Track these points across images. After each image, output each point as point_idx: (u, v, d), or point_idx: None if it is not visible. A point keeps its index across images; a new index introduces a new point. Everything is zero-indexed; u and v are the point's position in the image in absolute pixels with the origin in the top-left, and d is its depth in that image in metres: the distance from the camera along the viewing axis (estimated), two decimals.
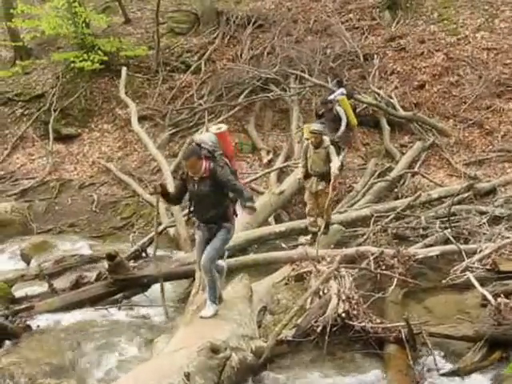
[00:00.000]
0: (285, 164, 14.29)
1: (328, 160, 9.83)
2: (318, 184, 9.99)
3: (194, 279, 8.45)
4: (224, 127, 7.52)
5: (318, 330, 6.95)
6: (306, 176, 10.20)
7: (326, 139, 9.99)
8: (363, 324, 7.05)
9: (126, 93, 17.83)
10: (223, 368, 5.59)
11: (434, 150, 15.04)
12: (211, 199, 6.87)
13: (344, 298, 7.34)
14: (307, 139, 10.49)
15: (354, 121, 13.89)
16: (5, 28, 21.20)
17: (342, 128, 13.42)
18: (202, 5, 20.99)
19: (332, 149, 9.91)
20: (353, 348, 7.10)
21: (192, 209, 7.21)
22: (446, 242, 10.28)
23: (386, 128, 15.67)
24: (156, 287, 9.11)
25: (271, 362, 6.78)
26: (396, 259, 8.92)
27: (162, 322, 8.42)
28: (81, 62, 18.61)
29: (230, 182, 6.81)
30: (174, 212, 12.15)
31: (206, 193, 6.82)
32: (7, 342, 7.66)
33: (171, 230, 12.20)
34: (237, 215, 7.23)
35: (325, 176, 9.89)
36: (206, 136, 7.23)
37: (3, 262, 12.01)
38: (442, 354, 6.96)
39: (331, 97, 14.15)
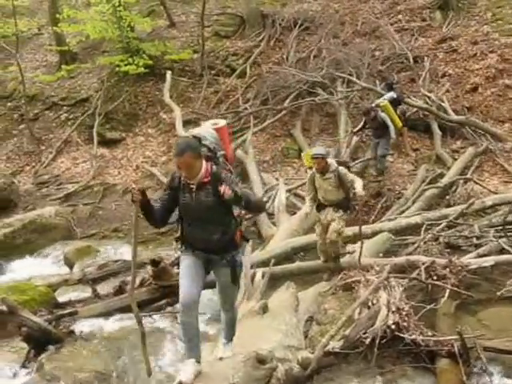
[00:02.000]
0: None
1: (342, 185, 8.81)
2: (334, 213, 8.93)
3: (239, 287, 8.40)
4: (223, 122, 6.09)
5: (367, 341, 6.82)
6: (319, 207, 9.10)
7: (333, 162, 8.93)
8: (414, 336, 6.90)
9: (170, 97, 17.97)
10: (269, 379, 5.54)
11: (488, 156, 14.71)
12: (215, 215, 5.34)
13: (394, 309, 7.19)
14: (310, 168, 9.45)
15: (400, 124, 13.81)
16: (51, 33, 21.61)
17: (393, 135, 13.39)
18: (247, 7, 21.09)
19: (343, 170, 8.86)
20: (403, 361, 6.95)
21: (185, 231, 5.55)
22: (501, 251, 10.03)
23: (437, 133, 15.44)
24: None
25: (318, 373, 6.68)
26: (448, 269, 8.73)
27: (206, 330, 8.42)
28: (125, 65, 18.87)
29: (240, 192, 5.24)
30: None
31: (208, 205, 5.28)
32: (50, 347, 7.71)
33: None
34: (248, 240, 5.96)
35: (342, 204, 8.97)
36: (205, 130, 5.72)
37: (47, 267, 12.19)
38: (498, 369, 6.76)
39: (372, 104, 14.09)
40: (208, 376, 5.55)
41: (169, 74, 18.63)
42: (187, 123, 17.40)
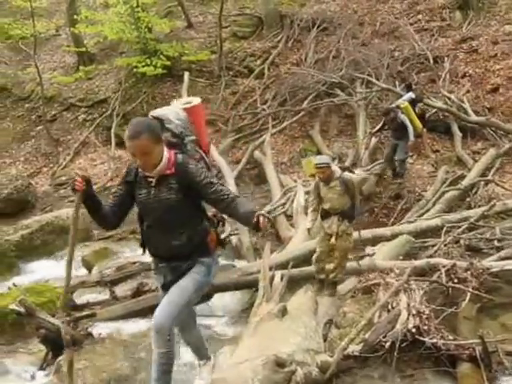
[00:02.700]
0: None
1: (348, 192, 8.28)
2: (340, 224, 8.34)
3: (258, 290, 8.40)
4: (197, 100, 5.18)
5: (387, 345, 6.77)
6: (324, 216, 8.54)
7: (336, 169, 8.41)
8: (434, 340, 6.84)
9: None
10: (288, 383, 5.52)
11: (509, 157, 14.58)
12: (179, 216, 4.51)
13: (414, 312, 7.14)
14: (312, 176, 9.21)
15: (420, 127, 13.73)
16: (69, 34, 21.75)
17: (411, 138, 13.32)
18: (265, 8, 21.10)
19: (348, 175, 8.35)
20: (423, 365, 6.89)
21: (144, 235, 4.82)
22: None
23: (458, 134, 15.34)
24: (218, 297, 9.15)
25: (337, 377, 6.65)
26: (469, 272, 8.65)
27: (224, 332, 8.43)
28: (143, 67, 18.94)
29: (216, 187, 4.44)
30: None
31: (170, 204, 4.47)
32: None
33: (234, 239, 12.19)
34: (223, 245, 5.12)
35: (348, 213, 8.40)
36: (170, 111, 4.85)
37: (64, 269, 12.20)
38: None
39: (392, 105, 14.04)
40: (227, 379, 5.55)
41: (187, 75, 18.62)
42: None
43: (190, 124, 4.83)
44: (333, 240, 8.32)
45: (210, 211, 4.87)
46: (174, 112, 4.82)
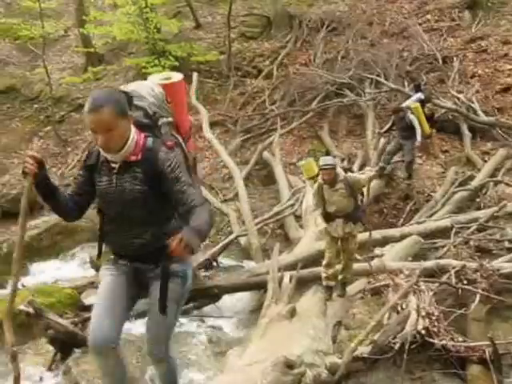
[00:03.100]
0: (360, 172, 14.15)
1: (352, 194, 8.07)
2: (345, 226, 8.11)
3: (266, 291, 8.40)
4: (178, 76, 4.45)
5: (396, 347, 6.77)
6: (328, 219, 8.29)
7: (340, 171, 8.15)
8: (444, 342, 6.83)
9: (196, 99, 17.98)
10: None
11: None
12: (143, 210, 3.84)
13: (424, 313, 7.13)
14: (311, 178, 8.83)
15: (427, 129, 13.65)
16: (77, 35, 21.80)
17: (419, 138, 13.22)
18: (273, 8, 21.09)
19: (352, 176, 8.19)
20: (433, 367, 6.89)
21: (104, 230, 4.13)
22: None
23: (467, 134, 15.27)
24: (227, 298, 9.17)
25: (346, 379, 6.65)
26: (479, 273, 8.62)
27: (233, 334, 8.44)
28: (152, 67, 18.92)
29: (182, 186, 3.71)
30: (246, 220, 12.16)
31: (134, 196, 3.80)
32: (77, 350, 7.78)
33: (242, 240, 12.19)
34: (194, 252, 3.65)
35: (353, 215, 8.19)
36: (144, 86, 4.14)
37: (73, 269, 12.26)
38: None
39: (403, 104, 13.99)
40: (236, 381, 5.55)
41: (195, 75, 18.60)
42: (213, 125, 17.45)
43: (167, 103, 4.11)
44: (339, 243, 8.19)
45: None
46: (148, 87, 4.10)
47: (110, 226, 4.03)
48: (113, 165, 3.83)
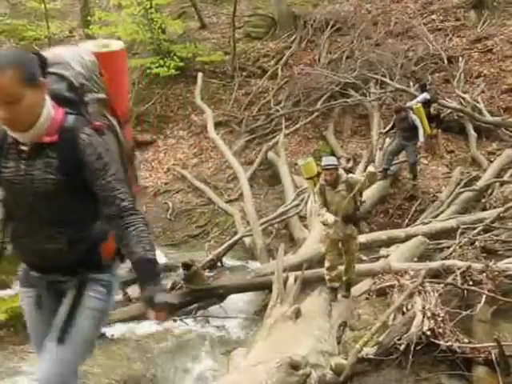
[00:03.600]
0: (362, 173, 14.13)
1: (353, 195, 7.90)
2: (346, 228, 7.99)
3: (271, 291, 8.39)
4: (119, 45, 3.56)
5: (402, 348, 6.75)
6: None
7: (342, 172, 8.03)
8: (450, 343, 6.79)
9: (201, 99, 18.02)
10: None
11: None
12: (57, 206, 3.01)
13: (429, 314, 7.10)
14: (311, 179, 8.46)
15: (428, 129, 13.62)
16: (82, 35, 21.82)
17: (421, 139, 13.17)
18: (278, 9, 21.06)
19: (353, 177, 8.13)
20: (438, 368, 6.85)
21: (11, 229, 3.15)
22: None
23: (473, 134, 15.23)
24: (232, 298, 9.16)
25: (351, 380, 6.64)
26: (484, 274, 8.57)
27: (238, 334, 8.45)
28: (157, 68, 18.98)
29: (109, 179, 2.95)
30: (251, 220, 12.17)
31: (45, 187, 2.96)
32: None
33: (247, 240, 12.19)
34: (123, 260, 3.37)
35: (352, 216, 8.07)
36: (72, 53, 3.23)
37: None
38: None
39: (407, 104, 13.96)
40: (241, 382, 5.54)
41: (200, 75, 18.69)
42: (218, 125, 17.46)
43: (100, 76, 3.25)
44: (340, 245, 8.09)
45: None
46: (76, 54, 3.21)
47: (18, 226, 3.11)
48: (22, 147, 2.96)
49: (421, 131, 13.17)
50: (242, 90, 19.16)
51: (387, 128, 14.48)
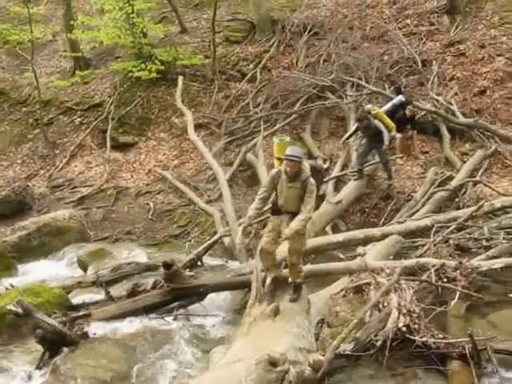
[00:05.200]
0: (342, 173, 14.14)
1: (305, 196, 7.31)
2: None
3: (251, 289, 8.35)
4: None
5: (378, 344, 6.77)
6: (275, 211, 7.62)
7: (307, 168, 7.41)
8: (425, 338, 6.83)
9: (182, 101, 17.95)
10: (281, 382, 5.49)
11: (497, 158, 14.51)
12: None
13: (405, 311, 7.13)
14: (280, 159, 8.06)
15: (392, 125, 13.49)
16: (65, 39, 21.66)
17: (386, 142, 13.11)
18: (257, 13, 21.01)
19: (313, 186, 7.33)
20: (414, 363, 6.89)
21: None
22: (511, 253, 9.92)
23: (446, 135, 15.29)
24: (212, 297, 9.12)
25: (329, 376, 6.63)
26: (458, 271, 8.61)
27: (218, 332, 8.40)
28: (138, 71, 18.89)
29: None
30: (230, 220, 12.12)
31: None
32: (65, 349, 7.70)
33: (226, 240, 12.14)
34: None
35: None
36: None
37: (61, 269, 12.20)
38: (509, 371, 6.67)
39: (367, 107, 13.91)
40: (220, 378, 5.50)
41: (180, 79, 18.61)
42: (198, 127, 17.41)
43: None
44: (283, 238, 7.39)
45: None
46: None
47: None
48: None
49: (385, 134, 13.08)
50: (221, 92, 19.10)
51: (347, 135, 14.34)
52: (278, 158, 8.52)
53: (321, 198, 12.33)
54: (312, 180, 7.33)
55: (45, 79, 20.96)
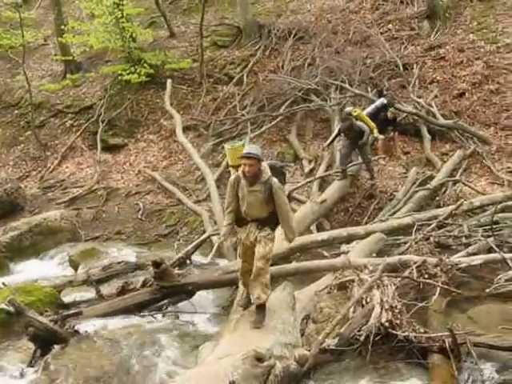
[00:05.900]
0: (326, 173, 14.20)
1: (272, 201, 6.69)
2: (260, 231, 6.84)
3: (238, 287, 8.34)
4: None
5: (361, 338, 6.78)
6: (240, 222, 6.99)
7: (266, 168, 6.79)
8: (406, 333, 6.84)
9: (170, 104, 17.94)
10: (267, 376, 5.49)
11: (476, 158, 14.57)
12: None
13: (387, 307, 7.14)
14: (235, 168, 7.40)
15: (373, 125, 13.60)
16: (56, 43, 21.56)
17: (365, 138, 13.16)
18: (244, 18, 20.99)
19: (277, 184, 6.72)
20: (396, 357, 6.89)
21: None
22: (489, 250, 9.96)
23: (427, 136, 15.35)
24: (200, 294, 9.11)
25: (314, 370, 6.63)
26: (439, 268, 8.66)
27: (206, 329, 8.38)
28: (128, 74, 18.85)
29: None
30: (218, 219, 12.11)
31: None
32: (56, 347, 7.65)
33: (214, 238, 12.12)
34: None
35: (268, 221, 6.86)
36: None
37: (52, 268, 12.15)
38: (488, 364, 6.69)
39: (347, 109, 13.95)
40: (208, 374, 5.49)
41: (169, 82, 18.61)
42: (187, 129, 17.41)
43: None
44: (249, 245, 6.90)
45: None
46: None
47: None
48: None
49: (367, 133, 13.16)
50: (209, 95, 19.08)
51: (330, 139, 14.36)
52: (233, 166, 7.94)
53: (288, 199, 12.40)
54: (274, 179, 6.75)
55: (36, 82, 20.87)
